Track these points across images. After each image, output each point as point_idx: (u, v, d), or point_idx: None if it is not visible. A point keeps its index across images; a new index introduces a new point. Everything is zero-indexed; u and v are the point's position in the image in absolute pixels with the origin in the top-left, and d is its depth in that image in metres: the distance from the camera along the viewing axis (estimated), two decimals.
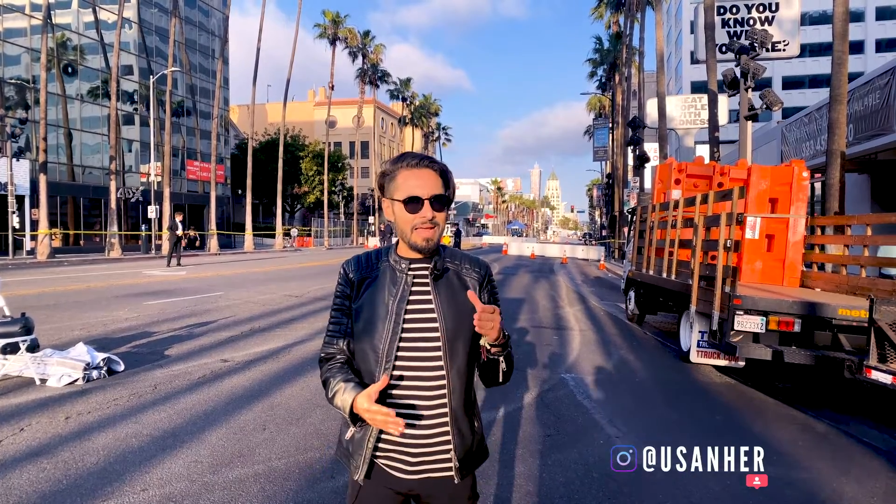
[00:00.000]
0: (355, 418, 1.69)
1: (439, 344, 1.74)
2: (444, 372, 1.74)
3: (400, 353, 1.73)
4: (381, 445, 1.77)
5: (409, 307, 1.76)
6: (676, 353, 8.71)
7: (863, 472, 4.45)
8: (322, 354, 1.86)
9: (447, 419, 1.75)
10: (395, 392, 1.73)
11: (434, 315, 1.76)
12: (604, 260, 33.47)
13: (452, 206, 1.92)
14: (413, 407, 1.72)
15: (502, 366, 1.80)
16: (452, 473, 1.77)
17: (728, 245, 7.10)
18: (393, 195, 1.77)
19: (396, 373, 1.73)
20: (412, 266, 1.81)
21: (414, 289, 1.79)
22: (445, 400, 1.75)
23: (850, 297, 7.14)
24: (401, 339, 1.74)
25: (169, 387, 6.04)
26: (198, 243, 43.27)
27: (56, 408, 5.32)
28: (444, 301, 1.78)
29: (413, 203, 1.72)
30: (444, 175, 1.78)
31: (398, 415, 1.70)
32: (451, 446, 1.76)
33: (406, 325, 1.75)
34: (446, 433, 1.76)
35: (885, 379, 4.85)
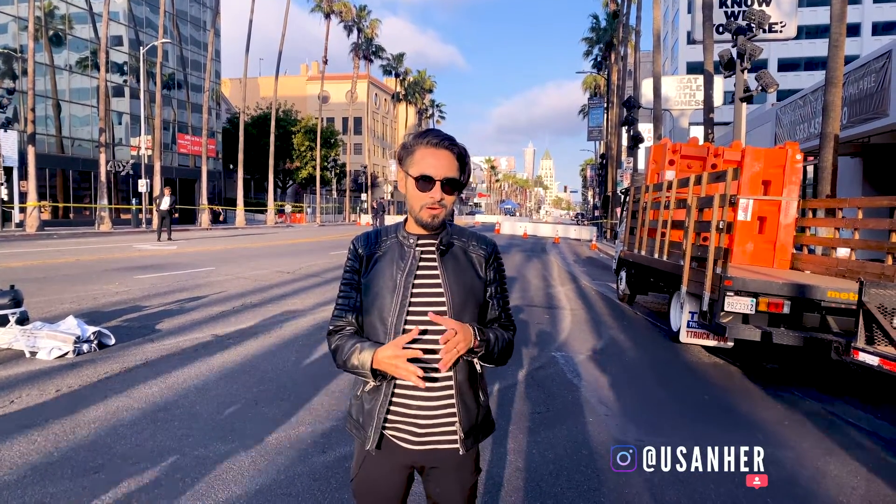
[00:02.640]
0: (375, 372, 1.73)
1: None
2: None
3: (408, 326, 1.76)
4: (390, 417, 1.80)
5: (417, 281, 1.79)
6: (666, 333, 8.78)
7: (847, 452, 4.52)
8: (331, 327, 1.88)
9: (453, 391, 1.79)
10: None
11: (441, 290, 1.79)
12: (596, 240, 33.59)
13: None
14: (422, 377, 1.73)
15: (477, 366, 1.85)
16: (458, 445, 1.81)
17: (720, 226, 7.13)
18: (408, 170, 1.79)
19: (405, 345, 1.75)
20: (420, 241, 1.84)
21: (421, 263, 1.82)
22: (451, 373, 1.78)
23: (840, 279, 7.20)
24: (408, 313, 1.77)
25: (160, 361, 6.04)
26: (221, 217, 43.34)
27: (46, 381, 5.31)
28: (451, 276, 1.81)
29: (424, 182, 1.75)
30: (462, 158, 1.80)
31: (406, 387, 1.77)
32: (456, 418, 1.80)
33: (413, 299, 1.78)
34: (452, 405, 1.79)
35: (872, 360, 4.91)
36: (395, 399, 1.79)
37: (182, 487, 3.48)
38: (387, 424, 1.81)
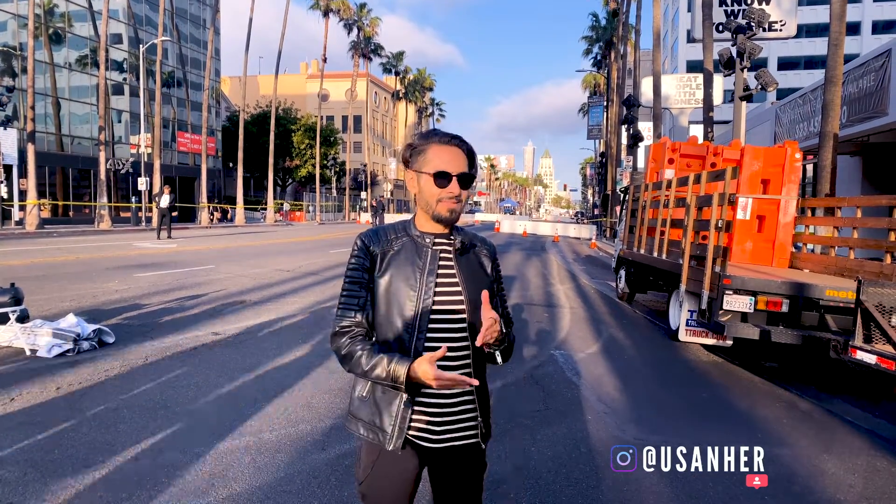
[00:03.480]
0: (410, 386, 1.71)
1: (464, 316, 1.80)
2: (468, 343, 1.81)
3: (430, 325, 1.78)
4: (411, 416, 1.81)
5: (437, 280, 1.81)
6: (665, 331, 8.79)
7: (844, 449, 4.54)
8: (337, 328, 1.82)
9: (471, 387, 1.80)
10: None
11: (458, 288, 1.82)
12: (595, 238, 33.58)
13: None
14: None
15: (498, 358, 1.89)
16: (478, 440, 1.86)
17: (719, 225, 7.14)
18: (421, 168, 1.81)
19: (428, 344, 1.77)
20: (436, 240, 1.85)
21: (440, 262, 1.83)
22: (470, 370, 1.82)
23: (838, 278, 7.21)
24: (431, 312, 1.78)
25: (160, 359, 6.05)
26: (230, 216, 43.52)
27: (47, 378, 5.32)
28: (466, 275, 1.85)
29: (443, 178, 1.77)
30: (471, 155, 1.84)
31: (426, 385, 1.74)
32: (475, 414, 1.84)
33: (435, 298, 1.79)
34: (471, 401, 1.84)
35: (870, 359, 4.92)
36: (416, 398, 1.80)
37: (182, 485, 3.49)
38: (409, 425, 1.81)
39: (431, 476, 1.92)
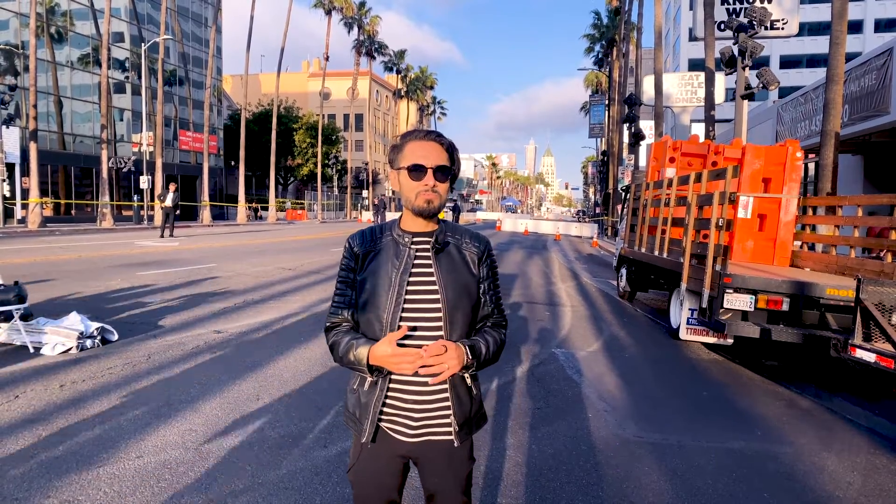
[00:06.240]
0: (372, 368, 1.78)
1: (440, 314, 1.81)
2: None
3: (402, 324, 1.80)
4: (385, 410, 1.85)
5: (412, 279, 1.83)
6: (666, 329, 8.81)
7: (844, 447, 4.56)
8: (327, 324, 1.93)
9: (447, 385, 1.83)
10: None
11: (435, 287, 1.83)
12: (597, 237, 33.57)
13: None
14: (415, 374, 1.77)
15: (467, 379, 1.88)
16: (452, 437, 1.86)
17: (720, 224, 7.15)
18: (400, 164, 1.85)
19: (400, 341, 1.78)
20: (415, 239, 1.87)
21: (416, 261, 1.85)
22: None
23: (839, 277, 7.22)
24: (403, 310, 1.80)
25: (163, 357, 6.08)
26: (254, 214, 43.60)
27: (50, 376, 5.35)
28: (445, 273, 1.85)
29: (417, 171, 1.80)
30: (450, 150, 1.86)
31: (401, 381, 1.81)
32: (450, 412, 1.85)
33: (408, 297, 1.81)
34: (446, 399, 1.84)
35: (869, 357, 4.94)
36: (390, 392, 1.84)
37: (185, 481, 3.52)
38: (382, 417, 1.85)
39: (419, 470, 1.96)
